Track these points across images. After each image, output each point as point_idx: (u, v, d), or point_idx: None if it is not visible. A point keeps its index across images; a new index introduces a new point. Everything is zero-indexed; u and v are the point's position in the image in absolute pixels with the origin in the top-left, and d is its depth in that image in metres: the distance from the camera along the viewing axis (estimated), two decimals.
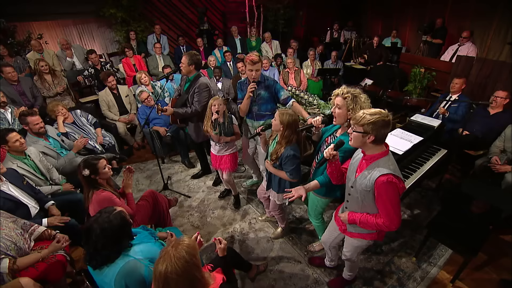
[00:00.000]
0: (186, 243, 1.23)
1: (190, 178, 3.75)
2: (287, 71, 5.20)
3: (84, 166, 2.03)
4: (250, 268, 2.24)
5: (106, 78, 4.13)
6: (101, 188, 2.10)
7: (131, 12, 6.52)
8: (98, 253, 1.48)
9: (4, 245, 1.81)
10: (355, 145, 1.57)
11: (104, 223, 1.48)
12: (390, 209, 1.50)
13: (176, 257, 1.16)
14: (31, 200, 2.34)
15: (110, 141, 3.93)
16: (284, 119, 2.04)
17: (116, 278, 1.46)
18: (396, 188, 1.47)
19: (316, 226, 2.44)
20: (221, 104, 2.65)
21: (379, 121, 1.44)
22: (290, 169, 2.08)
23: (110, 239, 1.48)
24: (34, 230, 2.10)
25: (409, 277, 2.39)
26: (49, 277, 1.94)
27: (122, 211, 1.57)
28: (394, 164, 1.54)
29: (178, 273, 1.14)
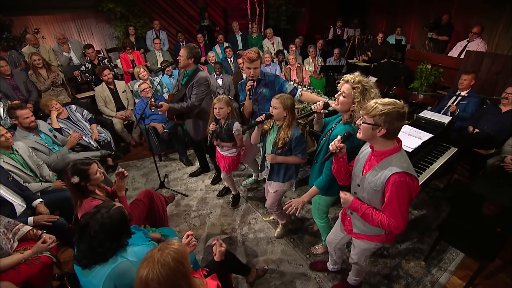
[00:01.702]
0: (174, 248, 1.09)
1: (188, 176, 3.62)
2: (289, 68, 5.07)
3: (73, 173, 1.80)
4: (249, 272, 2.10)
5: (101, 71, 4.01)
6: (91, 196, 1.88)
7: (131, 7, 6.40)
8: (92, 251, 1.36)
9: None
10: (363, 138, 1.41)
11: (104, 218, 1.36)
12: (397, 211, 1.35)
13: (160, 262, 1.03)
14: (16, 198, 2.21)
15: (106, 138, 3.80)
16: (287, 103, 1.96)
17: (106, 280, 1.33)
18: (409, 189, 1.32)
19: (321, 226, 2.29)
20: (223, 108, 2.47)
21: (393, 113, 1.28)
22: (301, 149, 2.02)
23: (109, 235, 1.37)
24: (19, 229, 1.96)
25: (418, 282, 2.24)
26: (32, 281, 1.81)
27: (121, 207, 1.46)
28: (408, 161, 1.38)
29: (160, 282, 1.00)
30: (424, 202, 3.08)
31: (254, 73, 2.41)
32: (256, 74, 2.43)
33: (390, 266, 2.37)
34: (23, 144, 2.62)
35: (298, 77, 4.95)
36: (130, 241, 1.58)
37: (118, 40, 6.91)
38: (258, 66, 2.41)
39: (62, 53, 5.15)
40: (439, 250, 2.47)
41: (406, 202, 1.34)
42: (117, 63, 5.33)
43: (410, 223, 2.81)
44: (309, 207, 3.00)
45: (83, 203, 1.82)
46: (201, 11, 6.78)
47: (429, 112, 3.04)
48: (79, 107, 3.88)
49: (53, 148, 3.05)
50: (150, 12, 6.90)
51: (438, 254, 2.45)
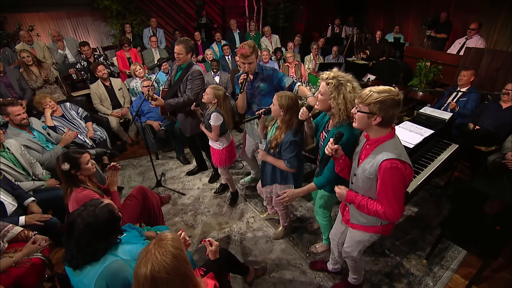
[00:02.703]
0: (170, 238, 1.05)
1: (185, 174, 3.56)
2: (287, 65, 5.02)
3: (64, 160, 1.81)
4: (247, 272, 2.04)
5: (96, 67, 3.94)
6: (82, 186, 1.87)
7: (127, 5, 6.33)
8: (80, 252, 1.29)
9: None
10: (359, 126, 1.39)
11: (89, 217, 1.29)
12: (391, 198, 1.32)
13: (162, 253, 0.98)
14: (7, 197, 2.15)
15: (102, 136, 3.73)
16: (284, 102, 1.88)
17: (98, 278, 1.27)
18: (402, 175, 1.28)
19: (324, 225, 2.24)
20: (209, 94, 2.45)
21: (388, 100, 1.26)
22: (289, 156, 1.90)
23: (96, 235, 1.30)
24: (8, 231, 1.89)
25: (420, 281, 2.19)
26: (23, 283, 1.74)
27: (109, 204, 1.39)
28: (401, 147, 1.36)
29: (168, 271, 0.96)
30: (424, 200, 3.04)
31: (250, 68, 2.35)
32: (252, 68, 2.37)
33: (391, 264, 2.32)
34: (15, 142, 2.55)
35: (296, 75, 4.91)
36: (123, 239, 1.53)
37: (114, 38, 6.83)
38: (253, 61, 2.34)
39: (57, 51, 5.06)
40: (441, 248, 2.43)
41: (399, 188, 1.32)
42: (114, 61, 5.25)
43: (410, 220, 2.78)
44: (308, 205, 2.96)
45: (73, 192, 1.80)
46: (199, 9, 6.72)
47: (429, 108, 3.01)
48: (74, 105, 3.81)
49: (46, 146, 2.98)
50: (146, 10, 6.83)
51: (440, 252, 2.41)
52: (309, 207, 2.94)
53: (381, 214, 1.37)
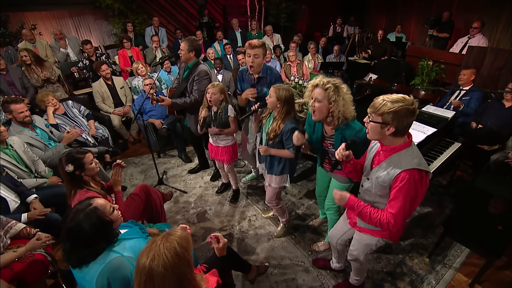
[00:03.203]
0: (179, 234, 1.05)
1: (187, 173, 3.56)
2: (288, 64, 5.01)
3: (68, 161, 1.77)
4: (249, 269, 2.04)
5: (99, 66, 3.94)
6: (85, 188, 1.84)
7: (129, 4, 6.34)
8: (73, 253, 1.29)
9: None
10: (372, 137, 1.36)
11: (74, 224, 1.26)
12: (400, 208, 1.29)
13: (166, 247, 0.98)
14: (10, 193, 2.15)
15: (104, 134, 3.74)
16: (281, 94, 1.89)
17: (99, 276, 1.27)
18: (417, 187, 1.26)
19: (334, 219, 2.20)
20: (216, 94, 2.42)
21: (402, 110, 1.22)
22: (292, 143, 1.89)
23: (81, 242, 1.27)
24: (11, 227, 1.89)
25: (423, 279, 2.18)
26: (26, 279, 1.74)
27: (97, 209, 1.32)
28: (419, 156, 1.32)
29: (165, 267, 0.96)
30: (427, 199, 3.02)
31: (255, 62, 2.32)
32: (256, 64, 2.33)
33: (393, 263, 2.32)
34: (18, 139, 2.56)
35: (298, 73, 4.90)
36: (124, 235, 1.52)
37: (116, 37, 6.85)
38: (259, 55, 2.31)
39: (59, 49, 5.08)
40: (443, 247, 2.42)
41: (411, 201, 1.28)
42: (116, 60, 5.26)
43: (413, 219, 2.77)
44: (310, 203, 2.96)
45: (77, 194, 1.77)
46: (201, 8, 6.73)
47: (432, 106, 3.00)
48: (76, 103, 3.81)
49: (49, 144, 2.99)
50: (148, 9, 6.85)
51: (442, 251, 2.40)
52: (311, 205, 2.94)
53: (383, 224, 1.34)
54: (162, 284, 0.96)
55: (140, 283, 0.98)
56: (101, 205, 1.34)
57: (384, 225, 1.34)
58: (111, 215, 1.38)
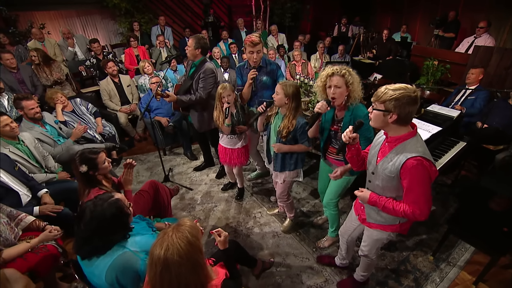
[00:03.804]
0: (189, 225, 1.09)
1: (192, 170, 3.60)
2: (293, 64, 5.04)
3: (82, 162, 1.80)
4: (255, 264, 2.07)
5: (106, 64, 4.00)
6: (98, 187, 1.87)
7: (135, 3, 6.41)
8: (87, 243, 1.33)
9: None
10: (375, 125, 1.38)
11: (96, 211, 1.32)
12: (420, 196, 1.30)
13: (178, 237, 1.02)
14: (22, 187, 2.20)
15: (111, 131, 3.79)
16: (289, 90, 1.94)
17: (107, 270, 1.31)
18: (428, 172, 1.27)
19: (333, 215, 2.25)
20: (231, 94, 2.41)
21: (404, 97, 1.24)
22: (306, 137, 1.99)
23: (101, 229, 1.32)
24: (22, 219, 1.95)
25: (427, 277, 2.20)
26: (38, 269, 1.79)
27: (119, 200, 1.40)
28: (424, 146, 1.34)
29: (180, 255, 0.99)
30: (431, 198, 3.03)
31: (257, 57, 2.38)
32: (259, 58, 2.40)
33: (397, 260, 2.33)
34: (29, 135, 2.62)
35: (303, 72, 4.92)
36: (134, 230, 1.56)
37: (122, 36, 6.93)
38: (261, 50, 2.39)
39: (67, 48, 5.15)
40: (448, 246, 2.42)
41: (427, 185, 1.30)
42: (122, 59, 5.33)
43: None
44: (315, 202, 2.98)
45: (90, 193, 1.81)
46: (206, 8, 6.77)
47: (437, 106, 3.00)
48: (84, 100, 3.88)
49: (58, 140, 3.05)
50: (154, 9, 6.91)
51: (447, 249, 2.41)
52: (316, 203, 2.96)
53: (409, 214, 1.34)
54: (178, 272, 1.00)
55: (156, 274, 1.01)
56: (122, 198, 1.41)
57: (410, 215, 1.34)
58: (128, 209, 1.45)
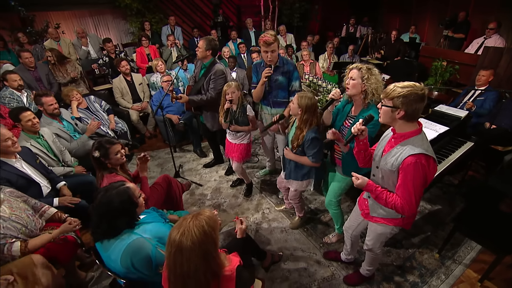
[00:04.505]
0: (207, 215, 1.16)
1: (202, 167, 3.69)
2: (302, 64, 5.08)
3: (96, 148, 1.95)
4: (264, 257, 2.14)
5: (119, 63, 4.12)
6: (114, 172, 2.01)
7: (146, 3, 6.54)
8: (99, 226, 1.43)
9: (14, 228, 1.76)
10: (384, 120, 1.45)
11: (105, 197, 1.42)
12: (411, 192, 1.37)
13: (195, 225, 1.09)
14: (43, 179, 2.31)
15: (123, 128, 3.91)
16: (303, 102, 1.98)
17: (122, 255, 1.40)
18: (424, 172, 1.34)
19: (335, 213, 2.33)
20: (235, 92, 2.51)
21: (411, 94, 1.31)
22: (313, 152, 2.01)
23: (107, 215, 1.41)
24: (45, 211, 2.06)
25: (432, 274, 2.24)
26: (59, 257, 1.89)
27: (129, 188, 1.49)
28: (428, 144, 1.40)
29: (193, 241, 1.07)
30: (438, 197, 3.06)
31: (272, 57, 2.39)
32: (274, 57, 2.40)
33: (403, 257, 2.38)
34: (48, 130, 2.74)
35: (311, 72, 4.97)
36: (145, 219, 1.65)
37: (133, 35, 7.07)
38: (276, 49, 2.38)
39: (81, 47, 5.30)
40: (454, 244, 2.46)
41: (419, 184, 1.37)
42: (133, 57, 5.45)
43: (423, 216, 2.81)
44: (322, 199, 3.03)
45: (105, 177, 1.94)
46: (215, 8, 6.86)
47: (444, 106, 3.02)
48: (98, 98, 4.00)
49: (74, 136, 3.17)
50: (164, 9, 7.03)
51: (453, 247, 2.45)
52: (323, 201, 3.00)
53: (398, 207, 1.42)
54: (189, 256, 1.07)
55: (170, 254, 1.10)
56: (133, 187, 1.50)
57: (399, 209, 1.42)
58: (137, 199, 1.53)
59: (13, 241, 1.70)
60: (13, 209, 1.80)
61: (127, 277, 1.46)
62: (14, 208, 1.81)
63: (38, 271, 1.68)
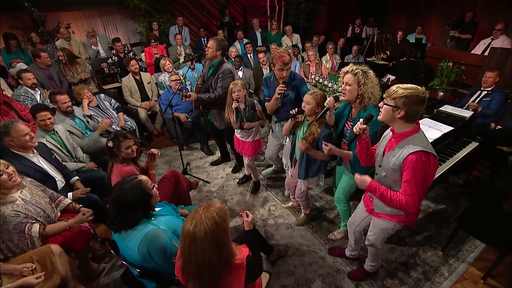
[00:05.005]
0: (218, 206, 1.22)
1: (209, 164, 3.76)
2: (308, 64, 5.13)
3: (112, 138, 2.09)
4: (271, 251, 2.20)
5: (128, 62, 4.22)
6: (125, 163, 2.13)
7: (154, 4, 6.64)
8: (115, 218, 1.51)
9: (35, 211, 1.86)
10: (384, 119, 1.51)
11: (121, 190, 1.50)
12: (414, 189, 1.43)
13: (206, 216, 1.16)
14: (58, 174, 2.40)
15: (132, 126, 3.99)
16: (319, 99, 2.03)
17: (140, 244, 1.48)
18: (426, 168, 1.39)
19: (343, 210, 2.38)
20: (241, 90, 2.57)
21: (413, 96, 1.37)
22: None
23: (124, 207, 1.49)
24: (60, 201, 2.15)
25: (436, 271, 2.28)
26: (74, 247, 1.98)
27: (142, 181, 1.56)
28: (426, 141, 1.46)
29: (206, 232, 1.13)
30: (442, 197, 3.09)
31: (286, 75, 2.41)
32: (287, 76, 2.43)
33: (407, 254, 2.42)
34: (62, 127, 2.83)
35: (317, 72, 5.01)
36: (160, 212, 1.73)
37: (141, 35, 7.18)
38: (290, 69, 2.43)
39: (91, 46, 5.42)
40: (457, 242, 2.49)
41: (421, 180, 1.42)
42: (141, 57, 5.55)
43: (427, 215, 2.85)
44: (328, 198, 3.09)
45: (115, 166, 2.09)
46: (222, 8, 6.93)
47: (449, 106, 3.05)
48: (107, 96, 4.09)
49: (85, 133, 3.26)
50: (171, 9, 7.13)
51: (456, 245, 2.48)
52: (329, 199, 3.07)
53: (403, 204, 1.47)
54: (203, 246, 1.15)
55: (185, 245, 1.17)
56: (145, 180, 1.58)
57: (404, 206, 1.47)
58: (150, 190, 1.60)
59: (33, 222, 1.80)
60: (33, 195, 1.91)
61: (142, 266, 1.53)
62: (34, 194, 1.92)
63: (56, 259, 1.77)
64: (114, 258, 2.44)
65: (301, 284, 2.19)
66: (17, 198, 1.80)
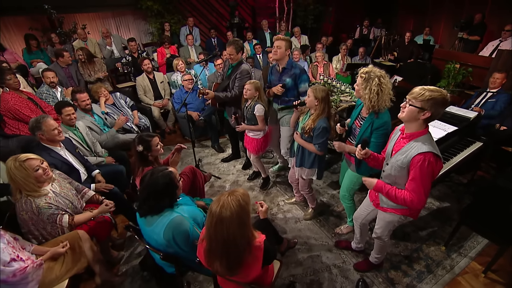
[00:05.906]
0: (241, 192, 1.36)
1: (220, 161, 3.90)
2: (316, 65, 5.24)
3: (139, 142, 2.15)
4: (281, 242, 2.33)
5: (142, 61, 4.40)
6: (150, 166, 2.20)
7: (166, 5, 6.82)
8: (145, 203, 1.65)
9: (64, 203, 2.02)
10: (406, 118, 1.54)
11: (152, 178, 1.64)
12: (420, 187, 1.52)
13: (232, 199, 1.30)
14: (81, 167, 2.56)
15: (145, 123, 4.16)
16: (319, 94, 2.16)
17: (165, 229, 1.61)
18: (432, 168, 1.48)
19: (349, 207, 2.49)
20: (250, 89, 2.72)
21: (440, 99, 1.42)
22: (320, 141, 2.19)
23: (153, 194, 1.63)
24: (85, 193, 2.32)
25: (438, 264, 2.37)
26: (97, 235, 2.14)
27: (171, 172, 1.71)
28: (433, 143, 1.55)
29: (232, 212, 1.28)
30: (447, 195, 3.17)
31: (277, 51, 2.65)
32: (279, 53, 2.66)
33: (411, 248, 2.52)
34: (82, 123, 3.00)
35: (324, 73, 5.12)
36: (181, 201, 1.87)
37: (152, 36, 7.37)
38: (281, 47, 2.64)
39: (106, 47, 5.61)
40: (460, 238, 2.58)
41: (428, 179, 1.52)
42: (154, 57, 5.73)
43: (431, 212, 2.93)
44: (333, 193, 3.20)
45: (144, 171, 2.12)
46: (232, 10, 7.07)
47: (454, 107, 3.12)
48: (123, 94, 4.27)
49: (103, 129, 3.43)
50: (182, 10, 7.30)
51: (459, 241, 2.57)
52: (334, 195, 3.18)
53: (408, 201, 1.57)
54: (229, 225, 1.29)
55: (212, 224, 1.32)
56: (174, 171, 1.73)
57: (409, 203, 1.58)
58: (178, 182, 1.74)
59: (63, 213, 1.96)
60: (62, 188, 2.07)
61: (165, 250, 1.67)
62: (62, 186, 2.08)
63: (83, 244, 1.93)
64: (132, 247, 2.60)
65: (309, 274, 2.31)
66: (48, 191, 1.95)
